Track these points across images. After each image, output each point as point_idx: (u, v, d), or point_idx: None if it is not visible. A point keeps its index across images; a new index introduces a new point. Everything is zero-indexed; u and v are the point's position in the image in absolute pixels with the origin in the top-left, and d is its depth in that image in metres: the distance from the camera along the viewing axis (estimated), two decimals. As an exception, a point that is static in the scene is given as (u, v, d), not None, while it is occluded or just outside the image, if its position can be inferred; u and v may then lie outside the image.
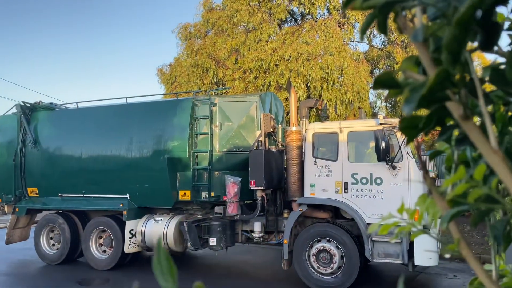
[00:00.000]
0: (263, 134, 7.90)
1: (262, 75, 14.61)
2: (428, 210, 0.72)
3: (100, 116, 9.55)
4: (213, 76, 15.56)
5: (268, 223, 8.27)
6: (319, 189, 7.45)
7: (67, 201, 9.52)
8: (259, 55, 14.60)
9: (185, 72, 17.09)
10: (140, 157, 8.74)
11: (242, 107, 8.53)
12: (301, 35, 14.90)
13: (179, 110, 8.65)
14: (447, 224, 0.65)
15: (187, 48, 16.66)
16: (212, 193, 8.36)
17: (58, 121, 9.90)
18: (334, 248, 7.24)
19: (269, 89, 14.22)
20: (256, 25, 15.22)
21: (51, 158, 9.64)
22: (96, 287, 8.10)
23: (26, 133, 9.86)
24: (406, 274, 7.68)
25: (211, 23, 16.07)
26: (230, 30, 15.57)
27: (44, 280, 8.45)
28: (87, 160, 9.24)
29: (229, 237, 8.29)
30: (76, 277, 8.42)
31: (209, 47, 15.64)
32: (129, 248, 8.71)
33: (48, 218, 9.84)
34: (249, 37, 15.19)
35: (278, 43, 14.96)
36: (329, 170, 7.41)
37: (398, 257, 6.89)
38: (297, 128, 7.95)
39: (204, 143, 8.46)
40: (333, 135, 7.48)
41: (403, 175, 6.89)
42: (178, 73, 18.22)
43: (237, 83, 14.97)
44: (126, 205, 8.81)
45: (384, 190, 6.99)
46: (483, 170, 0.62)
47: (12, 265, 9.64)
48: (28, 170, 9.84)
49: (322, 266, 7.28)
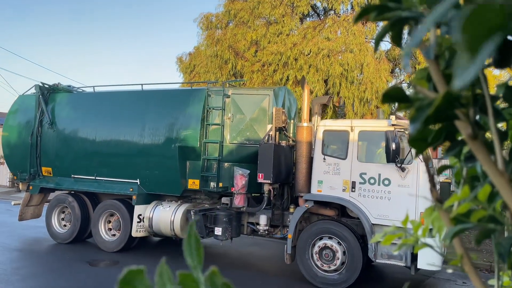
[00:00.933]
0: (273, 129, 7.91)
1: (280, 68, 14.52)
2: (434, 223, 0.73)
3: (115, 101, 9.67)
4: (231, 67, 15.52)
5: (274, 216, 8.30)
6: (326, 186, 7.44)
7: (79, 182, 9.71)
8: (279, 48, 14.50)
9: (204, 61, 17.09)
10: (152, 144, 8.84)
11: (255, 100, 8.54)
12: (322, 30, 14.76)
13: (193, 99, 8.70)
14: (450, 241, 0.66)
15: (207, 38, 16.62)
16: (220, 183, 8.42)
17: (75, 103, 10.07)
18: (337, 246, 7.24)
19: (287, 84, 14.11)
20: (278, 18, 15.10)
21: (66, 139, 9.82)
22: (106, 268, 8.23)
23: (43, 114, 10.06)
24: (414, 278, 7.68)
25: (233, 13, 15.98)
26: (252, 22, 15.48)
27: (55, 258, 8.65)
28: (100, 143, 9.39)
29: (234, 228, 8.35)
30: (85, 257, 8.61)
31: (230, 38, 15.58)
32: (137, 232, 8.85)
33: (60, 197, 10.06)
34: (270, 30, 15.09)
35: (299, 37, 14.83)
36: (338, 168, 7.39)
37: (401, 259, 6.86)
38: (308, 124, 7.93)
39: (216, 134, 8.51)
40: (344, 133, 7.44)
41: (412, 178, 6.83)
42: (197, 62, 18.24)
43: (255, 76, 14.92)
44: (136, 190, 8.94)
45: (391, 192, 6.95)
46: (488, 191, 0.62)
47: (25, 241, 9.90)
48: (44, 150, 10.05)
49: (325, 263, 7.29)
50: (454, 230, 0.65)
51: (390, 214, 6.93)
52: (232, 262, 8.75)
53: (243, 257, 9.38)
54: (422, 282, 7.72)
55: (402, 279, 7.94)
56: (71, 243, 9.59)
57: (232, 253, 9.53)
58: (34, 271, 7.59)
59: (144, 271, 0.51)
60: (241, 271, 8.07)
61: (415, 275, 7.45)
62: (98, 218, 9.37)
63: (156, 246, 10.19)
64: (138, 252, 9.26)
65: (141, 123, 9.03)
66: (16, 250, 9.05)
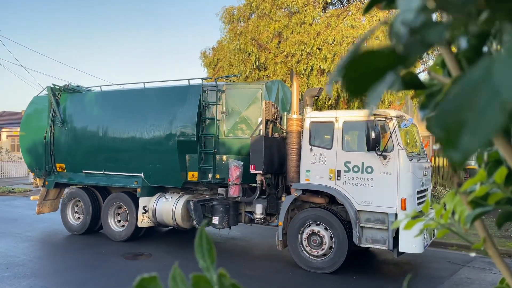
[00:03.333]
0: (264, 121, 8.26)
1: (304, 59, 14.39)
2: (456, 208, 0.72)
3: (120, 99, 10.22)
4: (255, 59, 15.50)
5: (269, 205, 8.68)
6: (314, 175, 7.76)
7: (90, 177, 10.34)
8: (302, 38, 14.35)
9: (228, 55, 17.17)
10: (154, 139, 9.34)
11: (248, 94, 8.90)
12: (346, 18, 14.49)
13: (190, 96, 9.13)
14: (470, 224, 0.65)
15: (230, 31, 16.59)
16: (217, 175, 8.85)
17: (83, 102, 10.67)
18: (322, 231, 7.58)
19: (311, 74, 14.09)
20: (300, 7, 14.92)
21: (76, 137, 10.45)
22: (140, 261, 8.27)
23: (55, 113, 10.71)
24: (447, 268, 7.83)
25: (255, 6, 15.89)
26: (274, 13, 15.37)
27: (89, 251, 8.91)
28: (107, 139, 9.96)
29: (231, 217, 8.78)
30: (119, 251, 8.86)
31: (252, 30, 15.52)
32: (142, 223, 9.41)
33: (72, 192, 10.72)
34: (292, 20, 14.94)
35: (322, 26, 14.60)
36: (324, 158, 7.69)
37: (384, 243, 7.14)
38: (297, 116, 8.25)
39: (212, 128, 8.93)
40: (329, 124, 7.73)
41: (393, 165, 7.08)
42: (220, 57, 18.39)
43: (279, 67, 14.86)
44: (140, 183, 9.48)
45: (374, 179, 7.22)
46: (504, 173, 0.62)
47: (42, 232, 10.63)
48: (57, 147, 10.72)
49: (313, 249, 7.65)
50: (475, 213, 0.64)
51: (374, 201, 7.21)
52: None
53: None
54: (456, 271, 7.73)
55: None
56: (85, 234, 10.25)
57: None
58: (69, 265, 7.84)
59: (157, 277, 0.51)
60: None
61: (448, 263, 7.76)
62: (108, 210, 9.98)
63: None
64: (170, 244, 9.68)
65: (143, 119, 9.54)
66: (47, 244, 9.63)
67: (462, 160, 0.41)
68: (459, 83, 0.41)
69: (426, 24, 0.46)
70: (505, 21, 0.47)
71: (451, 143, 0.41)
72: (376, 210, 7.23)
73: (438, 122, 0.42)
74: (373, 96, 0.46)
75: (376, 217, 7.25)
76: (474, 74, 0.40)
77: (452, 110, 0.41)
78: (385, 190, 7.11)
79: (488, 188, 0.64)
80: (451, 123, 0.41)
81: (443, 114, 0.41)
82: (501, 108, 0.38)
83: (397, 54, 0.45)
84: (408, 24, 0.46)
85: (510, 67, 0.38)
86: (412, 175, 7.04)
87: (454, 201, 0.72)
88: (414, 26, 0.46)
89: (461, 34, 0.52)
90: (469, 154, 0.41)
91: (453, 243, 9.36)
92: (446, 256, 8.77)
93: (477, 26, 0.48)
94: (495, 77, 0.38)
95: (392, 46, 0.46)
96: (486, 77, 0.39)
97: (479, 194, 0.65)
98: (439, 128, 0.42)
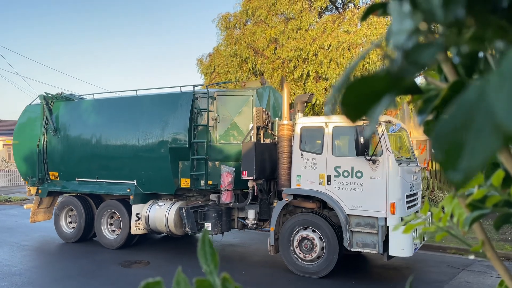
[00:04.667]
0: (254, 127, 8.33)
1: (301, 64, 14.48)
2: (454, 211, 0.73)
3: (112, 107, 10.27)
4: (251, 66, 15.60)
5: (261, 211, 8.73)
6: (305, 180, 7.83)
7: (83, 185, 10.37)
8: (298, 44, 14.44)
9: (224, 62, 17.25)
10: (146, 146, 9.39)
11: (240, 101, 8.97)
12: (342, 23, 14.61)
13: (181, 103, 9.19)
14: (468, 227, 0.66)
15: (226, 38, 16.71)
16: (209, 181, 8.90)
17: (76, 111, 10.72)
18: (313, 235, 7.64)
19: (308, 79, 14.10)
20: (296, 13, 15.03)
21: (69, 145, 10.48)
22: (138, 269, 8.20)
23: (48, 122, 10.75)
24: (446, 272, 7.83)
25: (251, 12, 16.01)
26: (270, 19, 15.50)
27: (88, 260, 8.83)
28: (100, 147, 10.00)
29: (224, 223, 8.82)
30: (117, 259, 8.82)
31: (248, 36, 15.64)
32: (135, 230, 9.43)
33: (65, 200, 10.74)
34: (288, 26, 15.05)
35: (318, 32, 14.71)
36: (314, 163, 7.76)
37: (374, 247, 7.19)
38: (288, 121, 8.32)
39: (203, 134, 8.99)
40: (319, 129, 7.80)
41: (382, 169, 7.15)
42: (217, 63, 18.48)
43: (275, 73, 14.92)
44: (133, 190, 9.52)
45: (363, 183, 7.29)
46: (501, 176, 0.62)
47: (39, 241, 10.61)
48: (50, 156, 10.75)
49: (304, 253, 7.69)
50: (472, 216, 0.65)
51: (363, 205, 7.27)
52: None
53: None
54: (455, 275, 7.73)
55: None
56: (79, 242, 10.26)
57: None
58: (66, 274, 7.78)
59: (161, 282, 0.51)
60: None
61: (447, 267, 7.80)
62: (101, 217, 10.01)
63: (179, 243, 10.60)
64: (170, 251, 9.62)
65: (136, 127, 9.59)
66: (43, 252, 9.57)
67: (463, 181, 0.41)
68: (455, 105, 0.42)
69: (418, 46, 0.47)
70: (495, 39, 0.48)
71: (451, 164, 0.41)
72: (366, 215, 7.29)
73: (436, 143, 0.42)
74: (372, 118, 0.47)
75: (366, 221, 7.31)
76: (469, 95, 0.41)
77: (450, 132, 0.41)
78: (375, 195, 7.17)
79: (485, 191, 0.65)
80: (449, 144, 0.41)
81: (441, 135, 0.42)
82: (496, 128, 0.38)
83: (392, 77, 0.46)
84: (400, 48, 0.47)
85: (502, 89, 0.39)
86: (401, 179, 7.11)
87: (452, 204, 0.73)
88: (407, 49, 0.47)
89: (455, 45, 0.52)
90: (470, 175, 0.40)
91: (452, 246, 9.39)
92: (445, 260, 8.79)
93: (468, 44, 0.48)
94: (489, 98, 0.39)
95: (387, 69, 0.46)
96: (481, 98, 0.40)
97: (477, 197, 0.65)
98: (437, 149, 0.42)
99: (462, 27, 0.47)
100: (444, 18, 0.46)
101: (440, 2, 0.45)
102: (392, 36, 0.49)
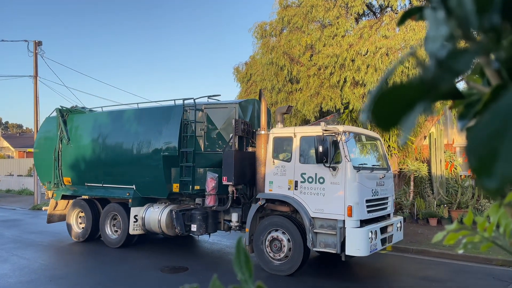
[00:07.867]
0: (234, 137, 9.11)
1: (337, 71, 14.28)
2: (500, 220, 0.70)
3: (117, 119, 11.34)
4: (287, 73, 15.72)
5: (243, 214, 9.47)
6: (276, 186, 8.53)
7: (91, 189, 11.48)
8: (335, 50, 14.27)
9: (260, 70, 17.44)
10: (143, 154, 10.37)
11: (224, 113, 9.80)
12: (379, 28, 14.33)
13: (173, 115, 10.12)
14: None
15: (262, 46, 16.72)
16: (196, 186, 9.75)
17: (85, 122, 11.88)
18: (282, 237, 8.31)
19: (345, 85, 13.96)
20: (332, 20, 14.87)
21: (79, 153, 11.64)
22: (177, 274, 8.33)
23: (62, 132, 11.97)
24: (496, 284, 7.73)
25: (286, 20, 16.06)
26: (305, 26, 15.45)
27: (128, 266, 8.97)
28: (105, 155, 11.09)
29: (210, 224, 9.64)
30: (157, 264, 9.04)
31: (284, 44, 15.58)
32: (133, 230, 10.40)
33: (77, 202, 11.89)
34: (324, 33, 14.94)
35: (355, 37, 14.46)
36: (284, 170, 8.46)
37: (334, 247, 7.79)
38: (265, 132, 9.06)
39: (192, 143, 9.86)
40: (289, 139, 8.50)
41: (341, 175, 7.76)
42: (253, 71, 18.84)
43: (312, 80, 14.87)
44: (132, 194, 10.51)
45: (325, 188, 7.91)
46: None
47: (81, 245, 11.50)
48: (64, 163, 11.95)
49: (274, 253, 8.37)
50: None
51: (325, 208, 7.90)
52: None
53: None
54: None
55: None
56: (86, 241, 11.35)
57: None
58: (111, 278, 8.10)
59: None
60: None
61: (494, 280, 7.91)
62: (105, 219, 11.07)
63: (216, 249, 11.10)
64: (208, 258, 9.89)
65: (135, 137, 10.59)
66: (87, 256, 10.12)
67: (498, 188, 0.40)
68: (490, 110, 0.41)
69: (454, 52, 0.46)
70: None
71: (485, 170, 0.40)
72: (327, 217, 7.90)
73: (470, 149, 0.41)
74: (407, 126, 0.47)
75: (328, 223, 7.92)
76: (504, 102, 0.41)
77: (484, 138, 0.40)
78: (335, 199, 7.79)
79: None
80: (484, 150, 0.40)
81: (475, 141, 0.41)
82: None
83: (426, 85, 0.45)
84: (434, 55, 0.47)
85: None
86: (358, 185, 7.69)
87: (499, 213, 0.70)
88: (441, 57, 0.46)
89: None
90: (505, 181, 0.39)
91: (499, 258, 9.02)
92: (492, 272, 8.50)
93: (506, 50, 0.47)
94: None
95: (420, 77, 0.46)
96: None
97: None
98: (471, 155, 0.41)
99: (500, 32, 0.45)
100: (479, 24, 0.45)
101: (474, 8, 0.44)
102: (427, 42, 0.48)
